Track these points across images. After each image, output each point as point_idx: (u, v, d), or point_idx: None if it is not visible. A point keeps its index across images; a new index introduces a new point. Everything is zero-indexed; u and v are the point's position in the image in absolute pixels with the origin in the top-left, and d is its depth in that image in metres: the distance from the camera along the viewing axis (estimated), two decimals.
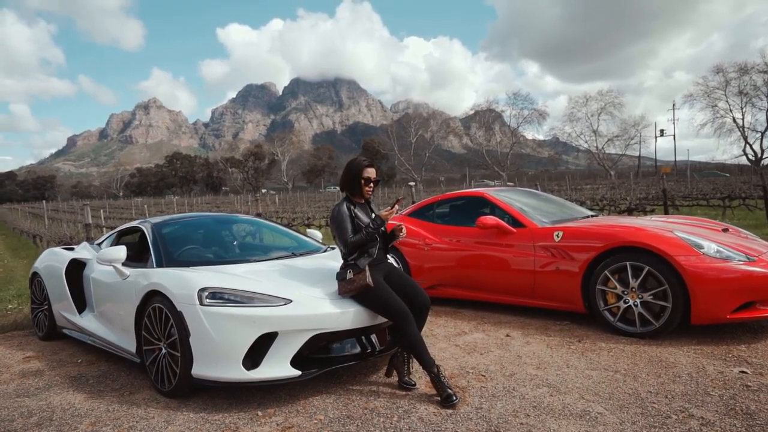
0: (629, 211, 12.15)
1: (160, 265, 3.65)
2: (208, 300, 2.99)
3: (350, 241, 3.14)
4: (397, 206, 3.19)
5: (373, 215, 3.29)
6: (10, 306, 6.73)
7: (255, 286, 3.13)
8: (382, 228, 3.26)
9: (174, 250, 3.90)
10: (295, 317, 2.97)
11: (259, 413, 2.88)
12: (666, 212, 11.73)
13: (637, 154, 60.26)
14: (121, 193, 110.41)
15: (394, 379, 3.27)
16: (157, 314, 3.20)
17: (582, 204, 14.97)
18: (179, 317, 3.01)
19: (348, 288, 3.09)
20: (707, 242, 3.82)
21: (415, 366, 3.19)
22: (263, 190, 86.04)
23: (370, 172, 3.30)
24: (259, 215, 9.97)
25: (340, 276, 3.17)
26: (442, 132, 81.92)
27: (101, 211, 23.47)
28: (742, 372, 3.12)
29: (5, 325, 5.43)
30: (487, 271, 4.89)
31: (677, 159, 61.22)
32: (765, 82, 47.94)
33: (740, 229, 4.68)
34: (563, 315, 4.56)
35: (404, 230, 3.34)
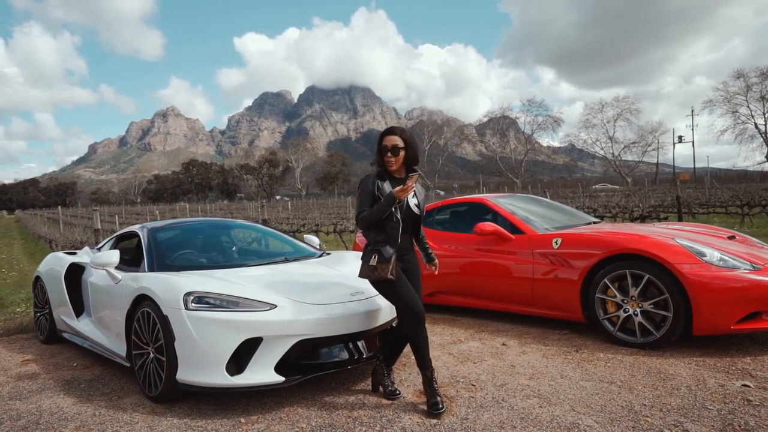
0: (642, 219, 11.91)
1: (151, 269, 3.66)
2: (193, 304, 2.97)
3: (359, 216, 2.86)
4: (410, 182, 2.74)
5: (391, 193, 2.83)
6: (18, 309, 6.83)
7: (241, 290, 3.11)
8: (399, 208, 2.83)
9: (167, 254, 3.91)
10: (279, 323, 2.94)
11: (242, 420, 2.84)
12: (680, 220, 11.48)
13: (654, 161, 59.34)
14: (138, 200, 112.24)
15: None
16: (146, 318, 3.20)
17: (594, 211, 14.74)
18: (165, 321, 3.00)
19: (368, 274, 2.86)
20: (710, 250, 3.70)
21: (405, 375, 3.13)
22: (277, 197, 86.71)
23: (389, 140, 2.86)
24: (265, 221, 10.02)
25: (364, 257, 2.90)
26: (456, 139, 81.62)
27: (116, 217, 23.85)
28: (745, 386, 2.99)
29: (11, 328, 5.50)
30: (486, 278, 4.81)
31: (697, 166, 60.13)
32: None
33: (748, 236, 4.53)
34: (563, 324, 4.45)
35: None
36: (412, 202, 2.94)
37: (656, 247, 3.73)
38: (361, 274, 2.90)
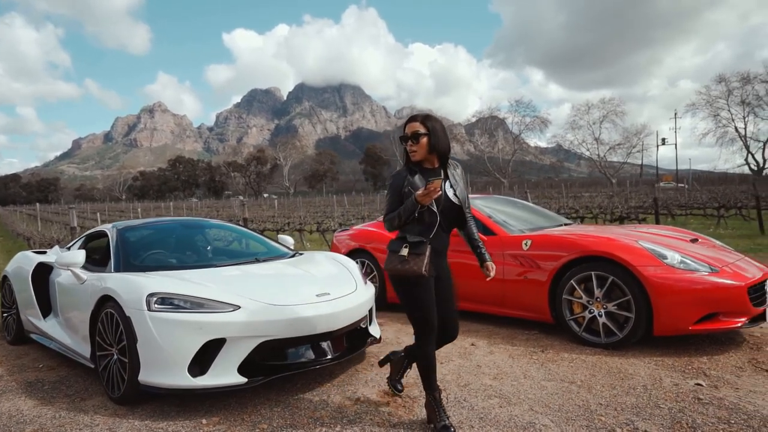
0: (620, 220, 12.09)
1: (117, 269, 3.64)
2: (156, 305, 2.97)
3: (386, 218, 2.58)
4: (432, 186, 2.38)
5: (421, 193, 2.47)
6: None
7: (206, 291, 3.11)
8: (436, 200, 2.49)
9: (135, 254, 3.89)
10: (242, 324, 2.94)
11: (204, 421, 2.84)
12: (657, 221, 11.67)
13: (639, 162, 60.15)
14: (123, 197, 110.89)
15: (347, 387, 3.25)
16: (110, 319, 3.18)
17: (576, 212, 14.91)
18: (128, 322, 3.00)
19: (395, 267, 2.50)
20: (671, 252, 3.78)
21: (371, 375, 3.15)
22: (265, 195, 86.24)
23: (409, 127, 2.57)
24: (245, 220, 9.97)
25: (392, 247, 2.56)
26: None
27: (98, 214, 23.56)
28: (698, 384, 3.07)
29: None
30: (457, 278, 4.82)
31: (680, 167, 61.01)
32: (767, 92, 47.84)
33: (712, 239, 4.63)
34: (532, 324, 4.51)
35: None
36: (449, 191, 2.58)
37: (620, 249, 3.81)
38: (388, 266, 2.55)
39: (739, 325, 3.57)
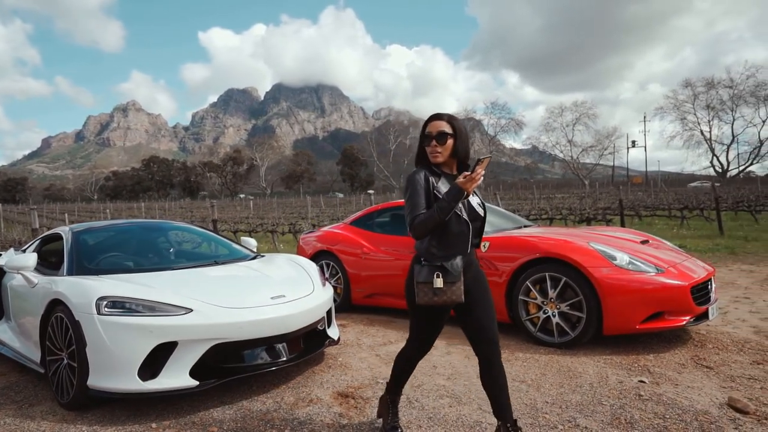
0: (587, 221, 12.37)
1: (70, 273, 3.58)
2: (106, 309, 2.94)
3: (416, 222, 2.21)
4: (480, 168, 2.13)
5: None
6: None
7: (158, 295, 3.09)
8: (464, 206, 2.25)
9: (89, 257, 3.83)
10: (194, 327, 2.94)
11: (154, 425, 2.83)
12: (622, 222, 11.98)
13: (611, 164, 61.54)
14: (95, 197, 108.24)
15: (302, 388, 3.27)
16: (59, 323, 3.13)
17: (546, 213, 15.19)
18: (77, 326, 2.95)
19: (430, 299, 2.20)
20: (621, 253, 3.90)
21: (327, 377, 3.16)
22: (241, 195, 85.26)
23: (434, 126, 2.31)
24: (215, 222, 9.87)
25: (422, 278, 2.22)
26: None
27: (66, 215, 22.97)
28: (641, 381, 3.19)
29: None
30: None
31: (649, 169, 62.64)
32: (730, 97, 49.59)
33: (662, 240, 4.79)
34: None
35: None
36: (474, 200, 2.35)
37: (572, 251, 3.92)
38: (421, 300, 2.22)
39: (683, 323, 3.71)
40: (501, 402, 2.30)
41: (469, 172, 2.14)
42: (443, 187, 2.26)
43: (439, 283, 2.18)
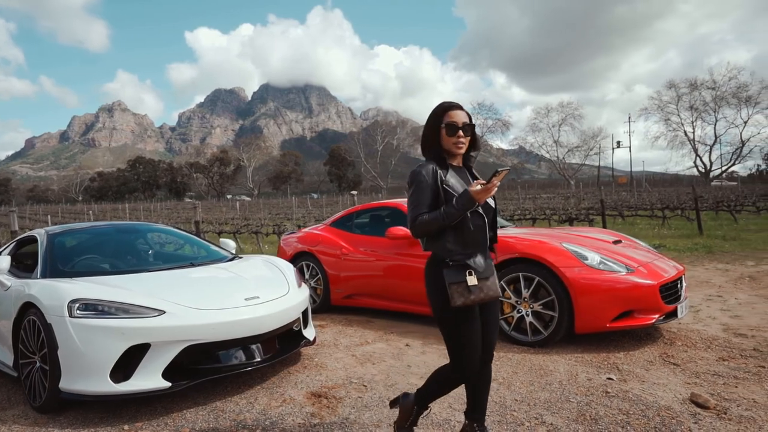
0: (570, 221, 12.53)
1: (44, 275, 3.57)
2: (78, 312, 2.94)
3: (419, 220, 2.11)
4: (496, 180, 2.05)
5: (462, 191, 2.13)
6: None
7: (131, 297, 3.09)
8: (476, 211, 2.15)
9: (64, 260, 3.82)
10: (166, 328, 2.95)
11: (126, 427, 2.84)
12: (604, 222, 12.15)
13: (597, 164, 62.25)
14: (80, 198, 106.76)
15: (276, 389, 3.30)
16: (32, 326, 3.12)
17: (529, 213, 15.35)
18: (49, 329, 2.95)
19: (465, 299, 2.07)
20: (592, 253, 3.98)
21: (302, 377, 3.18)
22: (228, 196, 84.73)
23: (456, 116, 2.17)
24: (197, 223, 9.82)
25: (452, 278, 2.09)
26: (409, 140, 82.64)
27: (49, 216, 22.67)
28: (609, 379, 3.26)
29: None
30: (397, 280, 4.96)
31: (634, 170, 63.45)
32: (713, 98, 50.44)
33: (635, 239, 4.89)
34: None
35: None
36: None
37: (545, 251, 3.99)
38: (457, 302, 2.07)
39: (652, 321, 3.80)
40: (479, 402, 2.31)
41: (484, 181, 2.08)
42: (452, 179, 2.16)
43: (472, 280, 2.08)
